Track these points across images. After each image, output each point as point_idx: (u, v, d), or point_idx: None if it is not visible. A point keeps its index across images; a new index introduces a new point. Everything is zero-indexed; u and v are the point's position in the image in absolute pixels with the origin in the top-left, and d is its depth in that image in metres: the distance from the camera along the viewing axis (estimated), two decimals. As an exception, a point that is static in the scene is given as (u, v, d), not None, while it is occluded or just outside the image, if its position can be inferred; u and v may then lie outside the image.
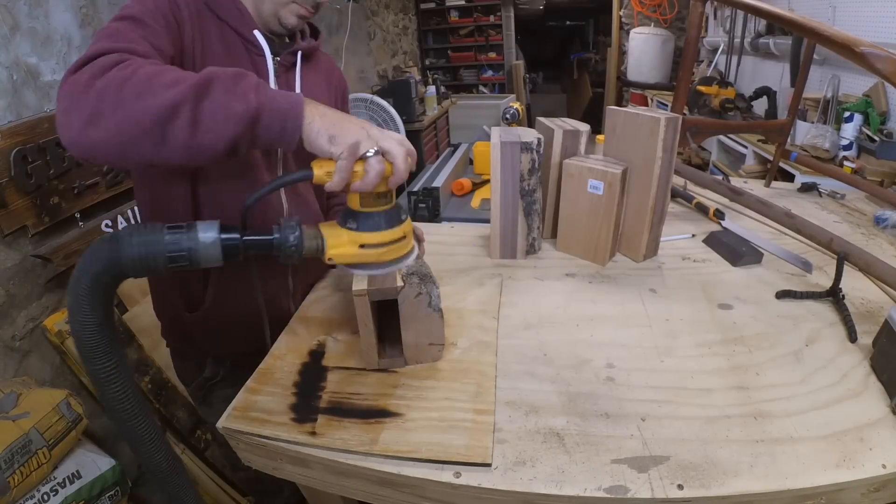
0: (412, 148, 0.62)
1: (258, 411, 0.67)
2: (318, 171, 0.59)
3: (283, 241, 0.59)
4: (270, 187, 0.59)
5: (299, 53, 0.91)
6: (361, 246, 0.62)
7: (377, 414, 0.66)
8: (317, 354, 0.79)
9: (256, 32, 0.84)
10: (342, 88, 1.08)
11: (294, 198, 0.94)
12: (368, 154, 0.58)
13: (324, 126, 0.59)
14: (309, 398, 0.69)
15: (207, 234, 0.55)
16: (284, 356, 0.79)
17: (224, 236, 0.56)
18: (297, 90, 0.91)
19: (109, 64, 0.57)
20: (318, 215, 1.02)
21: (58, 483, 1.15)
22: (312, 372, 0.75)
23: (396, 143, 0.60)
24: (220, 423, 0.66)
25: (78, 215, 1.42)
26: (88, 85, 0.55)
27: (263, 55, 0.86)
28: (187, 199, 0.84)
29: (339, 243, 0.62)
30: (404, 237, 0.65)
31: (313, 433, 0.63)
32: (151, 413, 0.59)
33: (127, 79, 0.55)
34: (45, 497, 1.12)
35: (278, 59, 0.88)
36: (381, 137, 0.60)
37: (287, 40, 0.94)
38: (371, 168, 0.58)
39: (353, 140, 0.58)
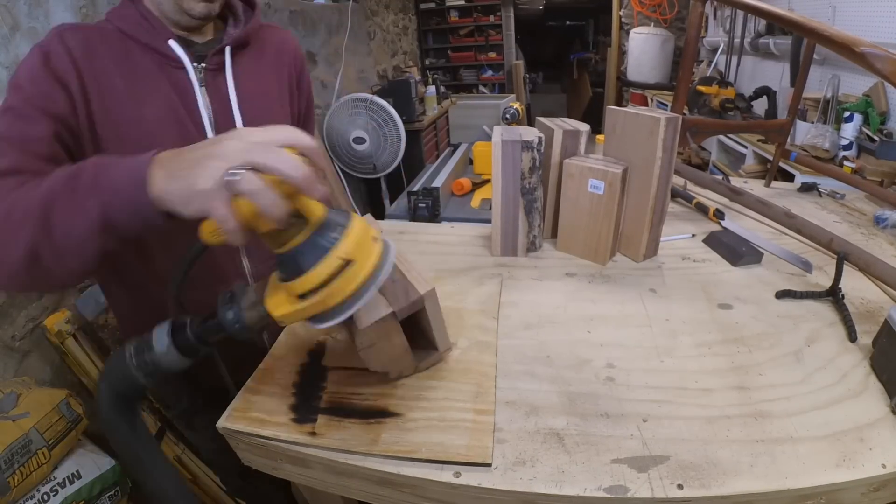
0: (299, 137, 0.46)
1: (258, 411, 0.67)
2: (207, 235, 0.46)
3: (223, 322, 0.50)
4: (177, 281, 0.54)
5: (227, 50, 0.79)
6: (300, 296, 0.48)
7: (377, 414, 0.66)
8: (316, 354, 0.79)
9: (171, 42, 0.74)
10: (297, 68, 0.93)
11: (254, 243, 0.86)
12: (234, 178, 0.42)
13: (170, 189, 0.46)
14: (309, 398, 0.69)
15: (160, 344, 0.51)
16: (284, 356, 0.79)
17: (177, 341, 0.52)
18: (232, 94, 0.79)
19: None
20: None
21: (58, 483, 1.15)
22: (312, 372, 0.75)
23: (270, 150, 0.44)
24: (220, 424, 0.66)
25: (78, 215, 1.42)
26: None
27: (184, 67, 0.75)
28: (138, 252, 0.77)
29: (279, 301, 0.49)
30: (348, 262, 0.47)
31: (313, 433, 0.63)
32: (185, 485, 0.59)
33: None
34: (45, 497, 1.12)
35: (203, 65, 0.77)
36: (245, 148, 0.44)
37: (213, 32, 0.83)
38: (253, 195, 0.42)
39: (205, 184, 0.43)
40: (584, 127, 1.08)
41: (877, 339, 0.73)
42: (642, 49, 4.37)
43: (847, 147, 2.04)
